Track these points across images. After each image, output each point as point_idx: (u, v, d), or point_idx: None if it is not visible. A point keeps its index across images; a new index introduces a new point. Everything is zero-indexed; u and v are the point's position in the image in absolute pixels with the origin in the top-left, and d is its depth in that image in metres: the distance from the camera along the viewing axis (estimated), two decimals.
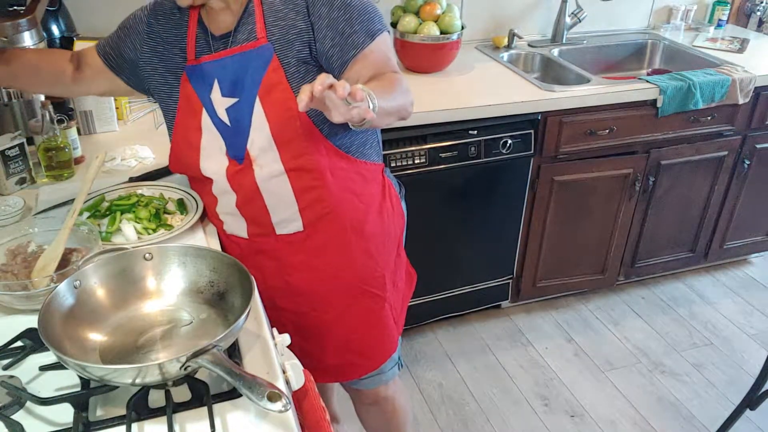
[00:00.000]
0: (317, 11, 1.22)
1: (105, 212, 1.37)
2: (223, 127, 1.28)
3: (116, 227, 1.33)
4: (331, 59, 1.23)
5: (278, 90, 1.22)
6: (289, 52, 1.22)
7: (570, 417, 2.23)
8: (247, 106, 1.24)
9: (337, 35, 1.22)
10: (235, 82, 1.24)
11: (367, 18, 1.23)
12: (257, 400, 0.84)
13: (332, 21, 1.21)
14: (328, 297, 1.42)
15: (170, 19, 1.32)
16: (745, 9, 3.09)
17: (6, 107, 1.65)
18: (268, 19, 1.23)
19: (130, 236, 1.31)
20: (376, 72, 1.22)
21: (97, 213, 1.37)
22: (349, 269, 1.39)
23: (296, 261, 1.38)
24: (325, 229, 1.35)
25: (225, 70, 1.25)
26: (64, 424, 0.91)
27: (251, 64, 1.23)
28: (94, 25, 2.14)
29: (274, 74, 1.22)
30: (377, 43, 1.24)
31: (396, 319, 1.52)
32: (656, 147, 2.41)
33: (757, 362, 2.43)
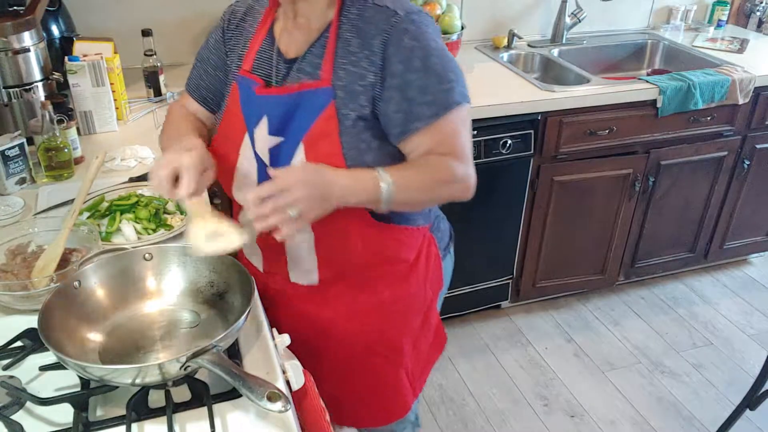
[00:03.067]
0: (392, 67, 1.07)
1: (105, 212, 1.37)
2: (261, 164, 1.16)
3: (116, 227, 1.33)
4: (391, 124, 1.11)
5: (326, 142, 1.10)
6: (350, 103, 1.09)
7: (570, 417, 2.23)
8: (289, 149, 1.13)
9: (404, 101, 1.08)
10: (285, 121, 1.13)
11: (445, 87, 1.09)
12: (257, 400, 0.84)
13: (405, 83, 1.07)
14: (336, 351, 1.33)
15: (240, 25, 1.22)
16: (745, 9, 3.09)
17: (6, 107, 1.65)
18: (339, 59, 1.10)
19: (130, 236, 1.31)
20: (434, 149, 1.11)
21: (97, 213, 1.37)
22: (361, 333, 1.31)
23: (306, 311, 1.30)
24: (341, 290, 1.27)
25: (278, 109, 1.13)
26: (64, 424, 0.91)
27: (305, 105, 1.11)
28: (94, 25, 2.15)
29: (325, 123, 1.09)
30: (448, 119, 1.10)
31: (413, 383, 1.41)
32: (656, 147, 2.41)
33: (757, 362, 2.43)
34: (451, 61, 1.11)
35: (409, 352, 1.36)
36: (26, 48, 1.64)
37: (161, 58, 2.05)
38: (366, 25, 1.09)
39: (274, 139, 1.14)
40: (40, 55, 1.68)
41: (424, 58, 1.07)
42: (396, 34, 1.07)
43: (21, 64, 1.64)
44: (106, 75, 1.76)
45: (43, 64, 1.69)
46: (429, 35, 1.09)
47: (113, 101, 1.81)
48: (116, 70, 1.84)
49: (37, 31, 1.67)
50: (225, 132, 1.21)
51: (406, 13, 1.09)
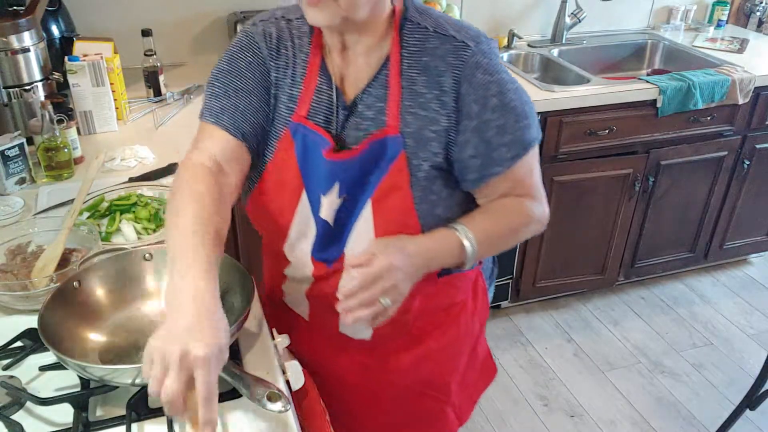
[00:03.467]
0: (468, 108, 0.96)
1: (105, 212, 1.37)
2: (324, 225, 1.04)
3: (116, 227, 1.33)
4: (467, 171, 1.01)
5: (396, 197, 0.99)
6: (422, 152, 0.98)
7: (570, 417, 2.23)
8: (355, 206, 1.02)
9: (482, 144, 0.98)
10: (355, 182, 1.00)
11: (524, 125, 0.99)
12: (257, 400, 0.84)
13: (482, 124, 0.97)
14: (381, 395, 1.26)
15: (280, 51, 1.03)
16: (745, 9, 3.09)
17: (6, 107, 1.65)
18: (405, 102, 0.97)
19: (130, 236, 1.31)
20: (510, 191, 1.04)
21: (96, 213, 1.37)
22: (409, 377, 1.23)
23: (353, 361, 1.22)
24: (393, 341, 1.19)
25: (350, 172, 1.00)
26: (64, 424, 0.90)
27: (373, 159, 0.99)
28: (94, 25, 2.15)
29: (396, 176, 0.98)
30: (526, 159, 1.02)
31: (459, 415, 1.33)
32: (656, 147, 2.41)
33: (757, 362, 2.42)
34: (524, 92, 1.02)
35: (456, 389, 1.28)
36: (26, 48, 1.64)
37: (161, 58, 2.05)
38: (432, 60, 0.97)
39: (339, 199, 1.02)
40: (40, 55, 1.68)
41: (500, 95, 0.97)
42: (468, 70, 0.96)
43: (21, 64, 1.64)
44: (106, 75, 1.76)
45: (43, 64, 1.69)
46: (500, 66, 0.99)
47: (113, 101, 1.81)
48: (116, 70, 1.84)
49: (37, 31, 1.67)
50: (278, 186, 1.05)
51: (475, 43, 0.97)
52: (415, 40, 0.98)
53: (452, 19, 1.03)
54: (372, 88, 0.99)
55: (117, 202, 1.40)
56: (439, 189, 1.02)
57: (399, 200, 0.99)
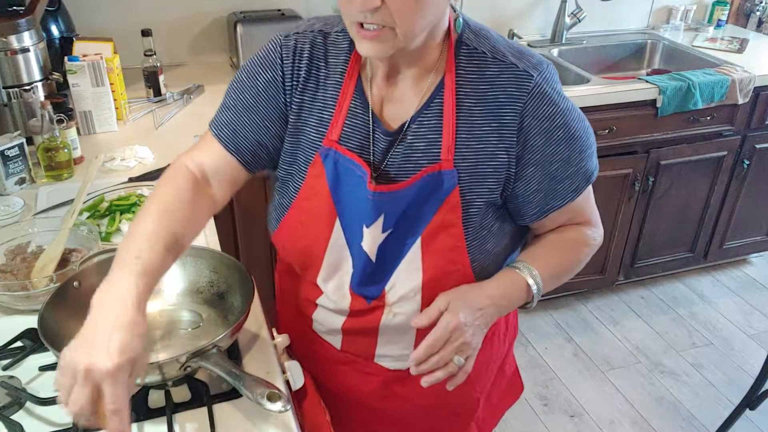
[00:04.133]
0: (532, 141, 0.91)
1: (105, 212, 1.37)
2: (364, 259, 0.98)
3: (116, 227, 1.32)
4: (527, 206, 0.97)
5: (448, 234, 0.94)
6: (477, 188, 0.93)
7: (570, 417, 2.23)
8: (402, 242, 0.96)
9: (546, 179, 0.93)
10: (403, 216, 0.95)
11: (587, 156, 0.95)
12: (257, 400, 0.84)
13: (546, 158, 0.92)
14: (411, 419, 1.20)
15: (309, 71, 0.96)
16: (745, 9, 3.10)
17: (6, 107, 1.65)
18: (461, 133, 0.91)
19: None
20: (569, 221, 1.01)
21: (96, 213, 1.37)
22: (442, 399, 1.14)
23: (384, 388, 1.14)
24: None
25: (397, 204, 0.94)
26: (64, 424, 0.90)
27: (426, 195, 0.93)
28: (94, 25, 2.14)
29: (449, 213, 0.93)
30: (589, 189, 0.99)
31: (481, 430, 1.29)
32: (656, 147, 2.41)
33: (757, 362, 2.42)
34: (585, 118, 0.97)
35: (482, 405, 1.24)
36: (26, 48, 1.64)
37: (161, 58, 2.05)
38: (491, 89, 0.91)
39: (385, 234, 0.96)
40: (40, 55, 1.68)
41: (565, 126, 0.92)
42: (532, 102, 0.90)
43: (21, 64, 1.64)
44: (105, 75, 1.75)
45: (43, 64, 1.69)
46: (562, 93, 0.94)
47: (113, 101, 1.81)
48: (116, 70, 1.84)
49: (36, 31, 1.67)
50: (311, 215, 0.99)
51: (538, 72, 0.91)
52: (473, 66, 0.92)
53: (511, 42, 0.96)
54: (424, 117, 0.93)
55: (117, 202, 1.40)
56: (490, 224, 0.97)
57: (450, 238, 0.94)
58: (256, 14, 2.23)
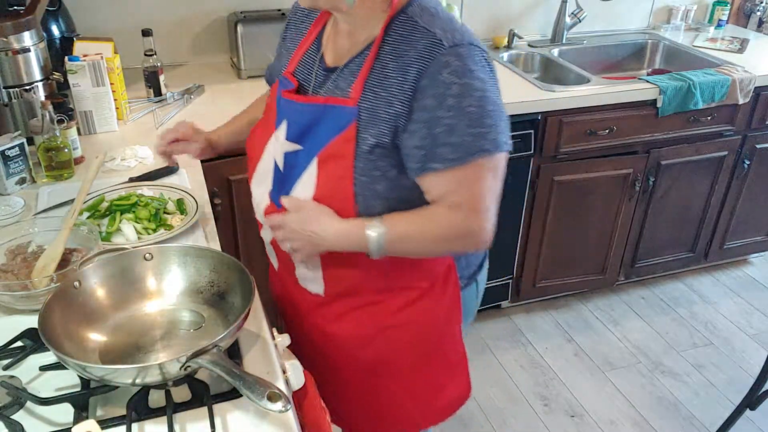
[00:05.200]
0: (423, 101, 1.00)
1: (105, 212, 1.37)
2: (276, 167, 1.16)
3: (116, 227, 1.33)
4: (410, 159, 1.04)
5: (339, 164, 1.06)
6: (371, 128, 1.04)
7: (570, 417, 2.23)
8: (303, 160, 1.10)
9: (428, 138, 1.01)
10: (306, 131, 1.10)
11: (476, 132, 1.00)
12: (257, 400, 0.84)
13: (433, 119, 1.00)
14: (338, 365, 1.31)
15: (297, 26, 1.23)
16: (745, 9, 3.10)
17: (6, 107, 1.65)
18: (371, 80, 1.04)
19: (130, 236, 1.31)
20: (449, 194, 1.05)
21: (97, 213, 1.37)
22: (361, 349, 1.27)
23: (313, 317, 1.28)
24: (347, 309, 1.24)
25: (299, 116, 1.11)
26: (64, 424, 0.91)
27: (327, 121, 1.07)
28: (94, 25, 2.15)
29: (342, 144, 1.05)
30: (472, 166, 1.02)
31: (423, 415, 1.36)
32: (656, 147, 2.41)
33: (757, 362, 2.43)
34: (494, 105, 1.02)
35: (415, 378, 1.30)
36: (26, 48, 1.64)
37: (161, 58, 2.05)
38: (407, 49, 1.02)
39: (291, 145, 1.12)
40: (40, 55, 1.68)
41: (460, 97, 0.99)
42: (435, 66, 0.99)
43: (21, 64, 1.64)
44: (106, 75, 1.76)
45: (43, 64, 1.69)
46: (474, 73, 1.00)
47: (113, 101, 1.81)
48: (116, 70, 1.84)
49: (37, 31, 1.67)
50: (259, 127, 1.23)
51: (453, 45, 0.99)
52: (402, 30, 1.04)
53: (453, 22, 1.04)
54: (352, 63, 1.08)
55: (117, 202, 1.40)
56: (385, 167, 1.06)
57: (341, 168, 1.06)
58: (257, 14, 2.23)
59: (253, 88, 2.15)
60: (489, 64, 1.04)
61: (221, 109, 2.00)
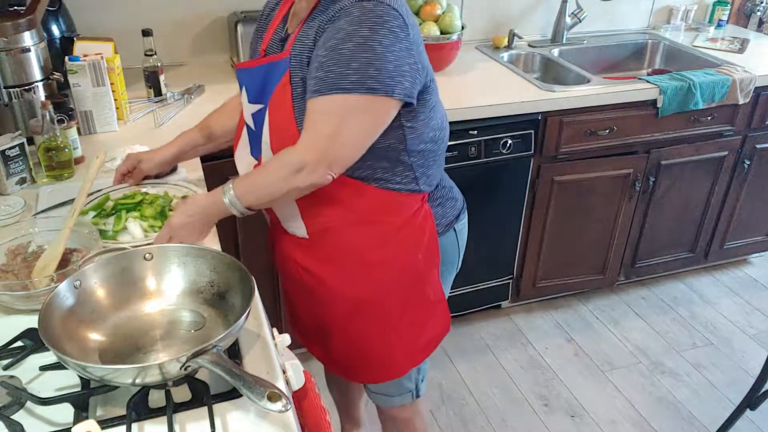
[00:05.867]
0: (319, 41, 1.15)
1: (110, 211, 1.37)
2: (249, 129, 1.32)
3: (122, 226, 1.32)
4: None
5: (282, 108, 1.20)
6: (299, 71, 1.18)
7: (570, 417, 2.23)
8: (263, 115, 1.25)
9: (309, 71, 1.16)
10: (261, 90, 1.25)
11: (341, 72, 1.09)
12: (257, 400, 0.84)
13: (316, 57, 1.14)
14: (329, 303, 1.40)
15: (269, 14, 1.36)
16: (745, 9, 3.09)
17: (6, 107, 1.65)
18: (301, 33, 1.19)
19: (137, 234, 1.31)
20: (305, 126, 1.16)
21: (102, 212, 1.37)
22: (347, 286, 1.36)
23: (304, 261, 1.38)
24: (327, 244, 1.33)
25: (252, 79, 1.27)
26: (64, 424, 0.91)
27: (272, 76, 1.22)
28: (94, 25, 2.15)
29: (282, 90, 1.20)
30: (325, 100, 1.11)
31: (408, 349, 1.45)
32: (656, 147, 2.41)
33: (757, 362, 2.43)
34: (374, 53, 1.08)
35: (398, 316, 1.39)
36: (26, 48, 1.64)
37: (161, 58, 2.05)
38: (331, 6, 1.14)
39: (254, 106, 1.27)
40: (41, 55, 1.68)
41: (341, 41, 1.09)
42: (339, 14, 1.11)
43: (21, 64, 1.64)
44: (106, 75, 1.76)
45: (44, 64, 1.69)
46: (365, 24, 1.08)
47: (113, 101, 1.81)
48: (116, 70, 1.84)
49: (37, 31, 1.67)
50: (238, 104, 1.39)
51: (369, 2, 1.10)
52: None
53: None
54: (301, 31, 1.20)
55: (122, 200, 1.40)
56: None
57: (284, 111, 1.19)
58: (257, 14, 2.22)
59: None
60: (392, 19, 1.10)
61: None
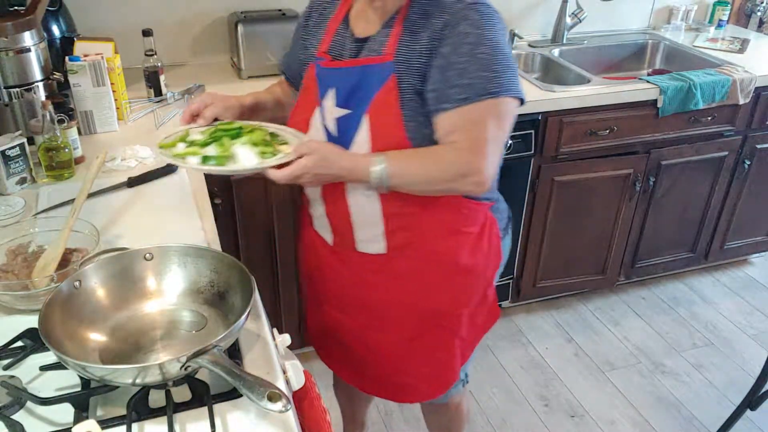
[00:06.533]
0: (442, 48, 1.13)
1: (207, 141, 1.22)
2: (329, 135, 1.25)
3: (228, 153, 1.18)
4: (426, 100, 1.17)
5: (388, 114, 1.17)
6: (409, 78, 1.16)
7: (570, 417, 2.23)
8: (354, 121, 1.20)
9: (442, 81, 1.14)
10: (351, 94, 1.21)
11: (484, 76, 1.12)
12: (257, 400, 0.84)
13: (447, 64, 1.13)
14: (399, 321, 1.38)
15: (321, 12, 1.33)
16: (746, 9, 3.09)
17: (6, 107, 1.65)
18: (403, 37, 1.17)
19: (251, 160, 1.17)
20: (451, 133, 1.15)
21: (192, 144, 1.22)
22: (427, 301, 1.35)
23: (375, 280, 1.35)
24: (408, 258, 1.31)
25: (344, 81, 1.22)
26: (64, 424, 0.91)
27: (369, 79, 1.19)
28: (94, 25, 2.15)
29: (387, 95, 1.17)
30: (478, 106, 1.13)
31: (464, 351, 1.49)
32: (656, 147, 2.41)
33: (758, 362, 2.42)
34: (505, 55, 1.14)
35: (466, 323, 1.41)
36: (27, 48, 1.64)
37: (162, 58, 2.05)
38: (433, 8, 1.16)
39: (341, 110, 1.22)
40: (41, 55, 1.68)
41: (474, 45, 1.11)
42: (455, 19, 1.13)
43: (21, 64, 1.64)
44: (106, 75, 1.76)
45: (44, 64, 1.69)
46: (487, 27, 1.13)
47: (114, 101, 1.81)
48: (117, 70, 1.84)
49: (37, 31, 1.67)
50: (299, 106, 1.32)
51: (472, 2, 1.14)
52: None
53: None
54: (383, 31, 1.20)
55: (222, 127, 1.26)
56: (429, 113, 1.17)
57: (391, 117, 1.17)
58: (257, 14, 2.23)
59: (253, 88, 2.14)
60: (501, 21, 1.17)
61: None
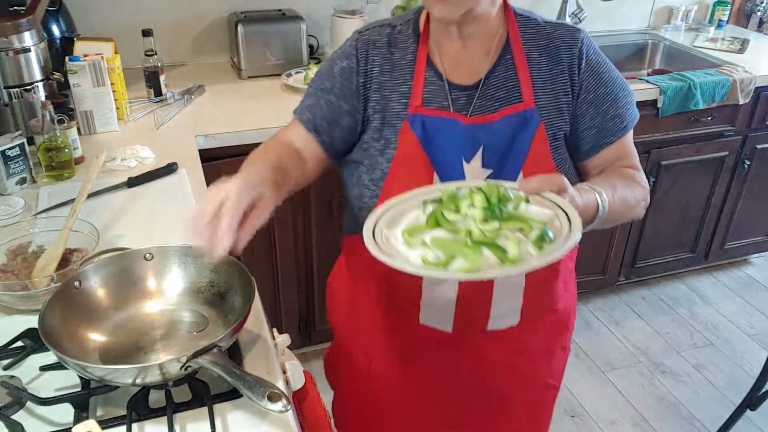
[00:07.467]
0: (585, 82, 1.08)
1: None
2: None
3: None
4: (582, 141, 1.10)
5: (542, 166, 1.06)
6: (556, 123, 1.08)
7: (570, 417, 2.23)
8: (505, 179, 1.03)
9: (599, 116, 1.09)
10: (501, 151, 1.06)
11: (629, 100, 1.12)
12: (257, 400, 0.84)
13: (598, 98, 1.08)
14: (516, 393, 1.30)
15: (386, 57, 1.11)
16: (746, 9, 3.09)
17: (6, 107, 1.65)
18: (535, 81, 1.07)
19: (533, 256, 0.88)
20: (617, 161, 1.12)
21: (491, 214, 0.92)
22: (547, 367, 1.31)
23: (497, 359, 1.23)
24: (539, 325, 1.23)
25: (494, 137, 1.05)
26: (64, 424, 0.91)
27: (518, 131, 1.06)
28: (94, 25, 2.15)
29: (540, 146, 1.06)
30: (630, 133, 1.14)
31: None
32: (657, 147, 2.41)
33: (758, 363, 2.42)
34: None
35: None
36: (27, 48, 1.64)
37: (162, 58, 2.05)
38: (550, 43, 1.08)
39: (486, 171, 1.06)
40: (41, 55, 1.68)
41: (610, 71, 1.11)
42: (584, 48, 1.09)
43: (21, 64, 1.64)
44: (106, 75, 1.76)
45: (44, 64, 1.69)
46: (599, 51, 1.13)
47: (114, 101, 1.81)
48: (117, 70, 1.84)
49: (37, 31, 1.67)
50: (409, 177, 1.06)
51: (578, 30, 1.11)
52: (530, 29, 1.09)
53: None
54: (498, 71, 1.08)
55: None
56: (566, 156, 1.11)
57: (545, 169, 1.06)
58: (257, 14, 2.23)
59: (253, 89, 2.16)
60: None
61: (222, 110, 2.00)
